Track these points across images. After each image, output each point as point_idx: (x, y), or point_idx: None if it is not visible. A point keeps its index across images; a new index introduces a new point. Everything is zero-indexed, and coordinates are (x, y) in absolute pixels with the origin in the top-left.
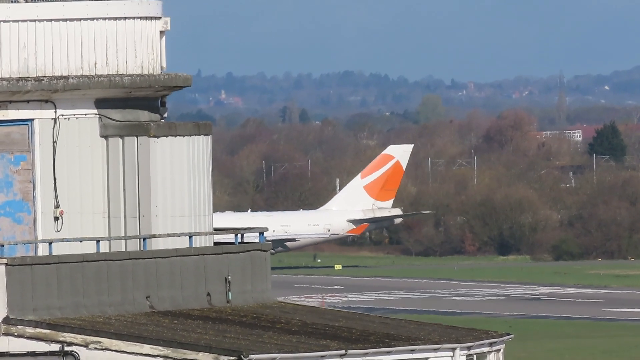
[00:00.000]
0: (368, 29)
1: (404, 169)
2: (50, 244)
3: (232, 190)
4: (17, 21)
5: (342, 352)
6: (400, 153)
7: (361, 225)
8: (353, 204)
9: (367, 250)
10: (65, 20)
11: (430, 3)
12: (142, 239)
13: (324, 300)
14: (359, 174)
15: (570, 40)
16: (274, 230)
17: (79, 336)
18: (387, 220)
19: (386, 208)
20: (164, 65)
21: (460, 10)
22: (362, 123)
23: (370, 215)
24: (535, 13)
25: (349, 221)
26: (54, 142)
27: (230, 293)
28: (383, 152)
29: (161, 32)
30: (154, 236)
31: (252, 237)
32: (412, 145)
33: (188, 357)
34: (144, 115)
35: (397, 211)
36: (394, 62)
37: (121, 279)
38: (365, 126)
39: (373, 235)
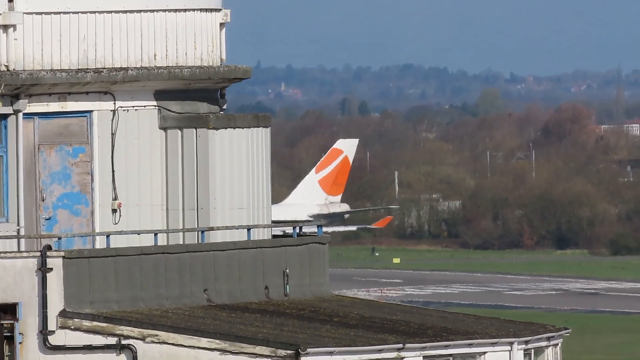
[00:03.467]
0: (428, 22)
1: (351, 164)
2: (108, 236)
3: (291, 183)
4: (77, 13)
5: (400, 345)
6: (347, 147)
7: (385, 218)
8: (310, 198)
9: (425, 244)
10: (125, 12)
11: None
12: (200, 232)
13: (382, 294)
14: (314, 168)
15: (628, 34)
16: None
17: (136, 329)
18: (339, 215)
19: (337, 203)
20: (224, 57)
21: (519, 4)
22: (421, 116)
23: (325, 211)
24: (594, 7)
25: (310, 216)
26: (112, 134)
27: (288, 286)
28: (333, 147)
29: (221, 24)
30: (212, 229)
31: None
32: (358, 140)
33: (245, 351)
34: (203, 107)
35: (346, 206)
36: (453, 55)
37: (179, 272)
38: (424, 119)
39: (432, 229)
